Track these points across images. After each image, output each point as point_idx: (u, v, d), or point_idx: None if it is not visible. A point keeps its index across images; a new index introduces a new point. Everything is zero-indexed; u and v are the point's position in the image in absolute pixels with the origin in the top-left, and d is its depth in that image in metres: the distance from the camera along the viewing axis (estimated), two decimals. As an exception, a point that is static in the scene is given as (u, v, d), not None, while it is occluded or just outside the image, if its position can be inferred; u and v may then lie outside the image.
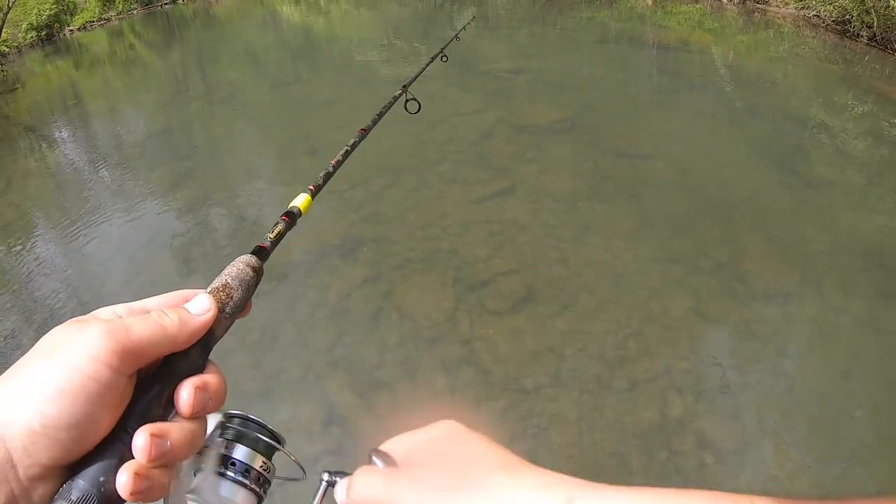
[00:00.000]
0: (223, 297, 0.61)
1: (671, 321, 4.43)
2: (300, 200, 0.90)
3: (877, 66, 9.74)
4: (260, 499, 0.61)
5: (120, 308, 0.56)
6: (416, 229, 5.65)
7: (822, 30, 11.45)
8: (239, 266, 0.66)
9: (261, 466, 0.61)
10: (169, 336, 0.53)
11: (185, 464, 0.57)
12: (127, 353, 0.49)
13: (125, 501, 0.48)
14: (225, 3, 21.30)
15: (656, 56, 10.77)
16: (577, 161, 6.72)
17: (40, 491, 0.47)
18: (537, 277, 4.93)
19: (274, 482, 0.64)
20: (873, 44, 10.28)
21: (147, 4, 21.91)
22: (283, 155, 7.88)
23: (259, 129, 9.15)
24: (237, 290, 0.63)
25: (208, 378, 0.56)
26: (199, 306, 0.58)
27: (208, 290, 0.62)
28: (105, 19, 21.02)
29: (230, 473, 0.59)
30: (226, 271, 0.64)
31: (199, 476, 0.58)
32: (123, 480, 0.47)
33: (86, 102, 12.62)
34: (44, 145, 9.97)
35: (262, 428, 0.64)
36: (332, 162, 1.07)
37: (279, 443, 0.65)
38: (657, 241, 5.29)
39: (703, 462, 3.45)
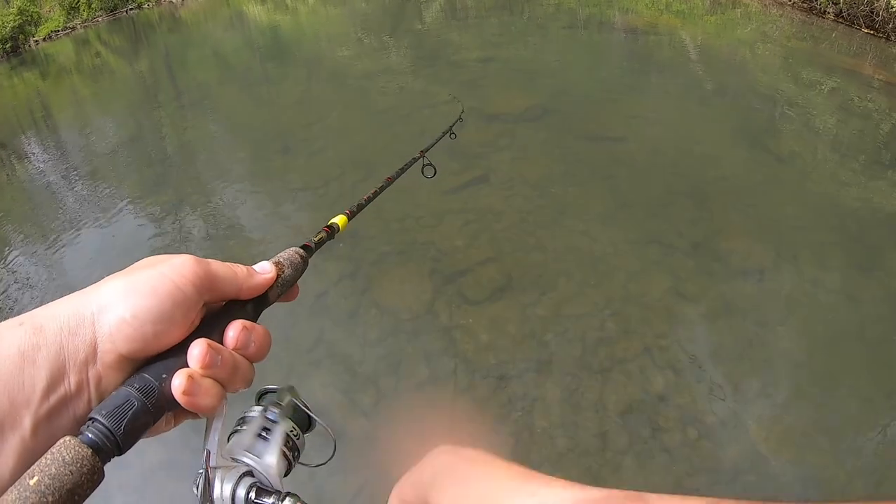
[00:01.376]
0: (276, 270, 0.69)
1: (650, 302, 4.46)
2: (338, 219, 1.01)
3: (843, 42, 9.85)
4: (290, 465, 0.68)
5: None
6: (391, 222, 5.61)
7: (788, 8, 11.56)
8: (290, 252, 0.75)
9: (293, 434, 0.68)
10: (238, 279, 0.63)
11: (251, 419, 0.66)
12: (206, 278, 0.59)
13: (176, 405, 0.55)
14: (190, 5, 21.05)
15: (625, 40, 10.81)
16: (550, 147, 6.72)
17: (110, 378, 0.53)
18: (515, 265, 4.93)
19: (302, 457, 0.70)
20: (840, 20, 10.40)
21: (112, 11, 21.57)
22: (256, 155, 7.81)
23: (231, 130, 9.06)
24: (288, 268, 0.72)
25: (256, 326, 0.63)
26: (262, 267, 0.68)
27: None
28: (70, 28, 20.68)
29: (265, 435, 0.65)
30: (280, 254, 0.74)
31: (234, 437, 0.64)
32: (178, 381, 0.53)
33: (55, 113, 12.42)
34: (14, 159, 9.80)
35: (298, 400, 0.72)
36: (365, 197, 1.22)
37: (310, 422, 0.73)
38: (633, 223, 5.31)
39: (688, 437, 3.47)
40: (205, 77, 12.40)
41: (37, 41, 19.63)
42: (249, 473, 0.63)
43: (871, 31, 9.81)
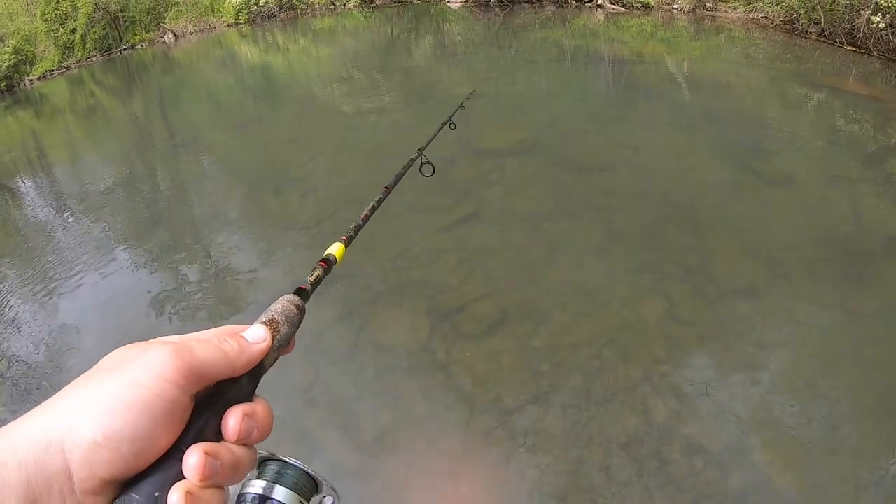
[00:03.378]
0: (271, 331, 0.63)
1: (646, 328, 4.47)
2: (335, 248, 0.93)
3: (827, 61, 10.01)
4: None
5: (176, 338, 0.57)
6: (385, 261, 5.63)
7: (771, 30, 11.76)
8: (284, 303, 0.68)
9: None
10: (229, 360, 0.55)
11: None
12: (191, 373, 0.51)
13: None
14: (184, 46, 21.28)
15: (612, 70, 10.95)
16: (541, 180, 6.77)
17: None
18: (509, 299, 4.94)
19: None
20: (822, 39, 10.58)
21: (106, 51, 21.79)
22: (249, 195, 7.84)
23: (223, 171, 9.11)
24: (283, 325, 0.65)
25: (256, 407, 0.58)
26: (255, 335, 0.60)
27: (259, 321, 0.64)
28: (65, 67, 20.86)
29: None
30: (271, 308, 0.67)
31: None
32: (175, 499, 0.47)
33: (49, 153, 12.47)
34: (7, 198, 9.81)
35: (301, 470, 0.66)
36: (361, 217, 1.17)
37: (317, 486, 0.68)
38: (625, 253, 5.34)
39: (694, 467, 3.45)
40: (198, 117, 12.50)
41: (31, 80, 19.79)
42: None
43: (854, 48, 9.97)
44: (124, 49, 21.93)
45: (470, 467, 3.69)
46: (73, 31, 20.99)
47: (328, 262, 0.88)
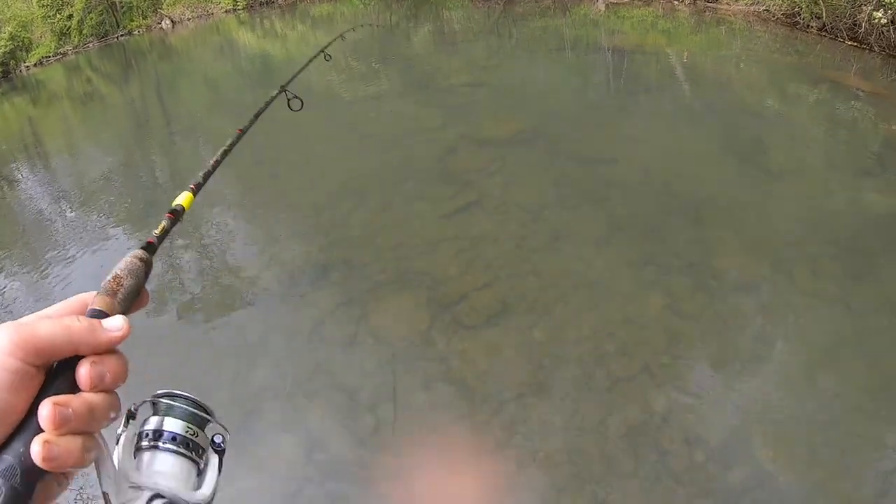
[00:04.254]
0: (114, 286, 0.66)
1: (648, 322, 4.46)
2: (183, 198, 0.95)
3: (828, 55, 9.97)
4: (196, 465, 0.68)
5: (32, 316, 0.63)
6: (385, 250, 5.61)
7: (772, 24, 11.70)
8: (128, 259, 0.70)
9: (189, 433, 0.68)
10: (73, 339, 0.58)
11: (123, 442, 0.65)
12: (30, 347, 0.55)
13: (48, 473, 0.54)
14: (181, 32, 21.13)
15: (612, 61, 10.90)
16: (542, 170, 6.75)
17: None
18: (510, 290, 4.93)
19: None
20: (823, 33, 10.53)
21: (103, 37, 21.63)
22: (246, 184, 7.80)
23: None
24: (127, 279, 0.67)
25: (104, 356, 0.60)
26: (113, 324, 0.62)
27: (102, 283, 0.67)
28: (61, 54, 20.71)
29: (161, 444, 0.66)
30: (117, 265, 0.69)
31: (132, 461, 0.64)
32: (35, 449, 0.52)
33: (45, 139, 12.40)
34: (3, 185, 9.75)
35: (190, 403, 0.71)
36: (212, 161, 1.18)
37: (205, 412, 0.72)
38: (627, 245, 5.33)
39: (694, 460, 3.45)
40: (195, 104, 12.43)
41: (28, 67, 19.66)
42: (158, 495, 0.62)
43: (855, 43, 9.94)
44: (121, 35, 21.78)
45: (469, 458, 3.68)
46: (70, 16, 20.84)
47: (175, 214, 0.90)
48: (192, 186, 1.00)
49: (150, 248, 0.76)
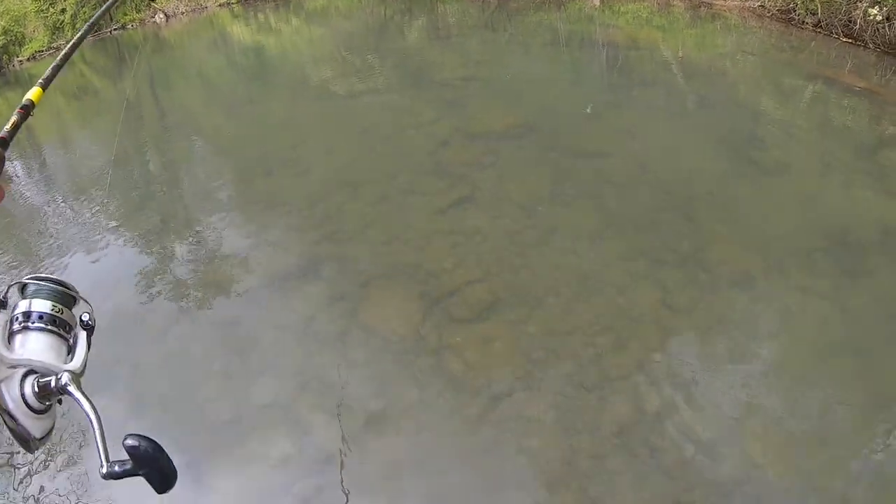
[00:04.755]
0: None
1: (640, 316, 4.45)
2: (32, 93, 0.97)
3: (823, 52, 9.96)
4: (66, 340, 0.71)
5: None
6: (377, 244, 5.58)
7: (767, 20, 11.68)
8: None
9: (55, 311, 0.71)
10: None
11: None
12: None
13: None
14: (174, 26, 21.00)
15: (607, 56, 10.86)
16: (536, 165, 6.72)
17: None
18: (503, 284, 4.91)
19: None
20: (818, 30, 10.51)
21: (96, 31, 21.52)
22: (240, 177, 7.76)
23: (215, 152, 9.00)
24: None
25: None
26: None
27: None
28: (54, 48, 20.53)
29: (30, 324, 0.69)
30: None
31: (11, 340, 0.67)
32: None
33: (38, 134, 12.31)
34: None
35: (52, 280, 0.75)
36: (60, 56, 1.19)
37: (71, 290, 0.77)
38: (621, 239, 5.31)
39: (685, 455, 3.44)
40: (189, 98, 12.36)
41: (21, 61, 19.51)
42: (31, 371, 0.65)
43: (850, 40, 9.91)
44: (115, 29, 21.62)
45: (460, 453, 3.67)
46: (63, 10, 20.68)
47: (26, 109, 0.92)
48: (41, 82, 1.02)
49: (2, 143, 0.80)
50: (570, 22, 13.26)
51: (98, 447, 0.66)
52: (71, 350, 0.70)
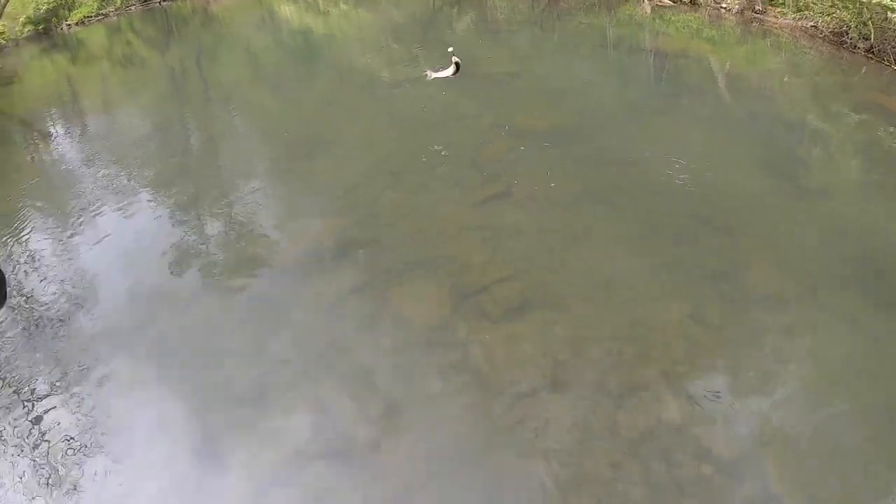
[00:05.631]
0: None
1: (668, 327, 4.42)
2: None
3: (873, 78, 9.76)
4: None
5: None
6: (412, 234, 5.61)
7: (819, 41, 11.48)
8: None
9: None
10: None
11: None
12: None
13: None
14: (223, 1, 21.20)
15: (654, 63, 10.75)
16: (574, 166, 6.69)
17: None
18: (534, 284, 4.91)
19: None
20: (870, 55, 10.30)
21: (145, 1, 21.78)
22: (279, 156, 7.82)
23: (256, 129, 9.09)
24: None
25: None
26: None
27: None
28: (103, 14, 20.82)
29: None
30: None
31: None
32: None
33: (82, 98, 12.52)
34: (37, 140, 9.87)
35: None
36: None
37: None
38: (655, 249, 5.27)
39: (702, 473, 3.42)
40: (234, 74, 12.46)
41: (69, 25, 19.80)
42: None
43: (902, 68, 9.73)
44: (163, 0, 21.90)
45: (477, 450, 3.68)
46: (114, -23, 20.96)
47: None
48: None
49: None
50: (619, 26, 13.14)
51: None
52: None
